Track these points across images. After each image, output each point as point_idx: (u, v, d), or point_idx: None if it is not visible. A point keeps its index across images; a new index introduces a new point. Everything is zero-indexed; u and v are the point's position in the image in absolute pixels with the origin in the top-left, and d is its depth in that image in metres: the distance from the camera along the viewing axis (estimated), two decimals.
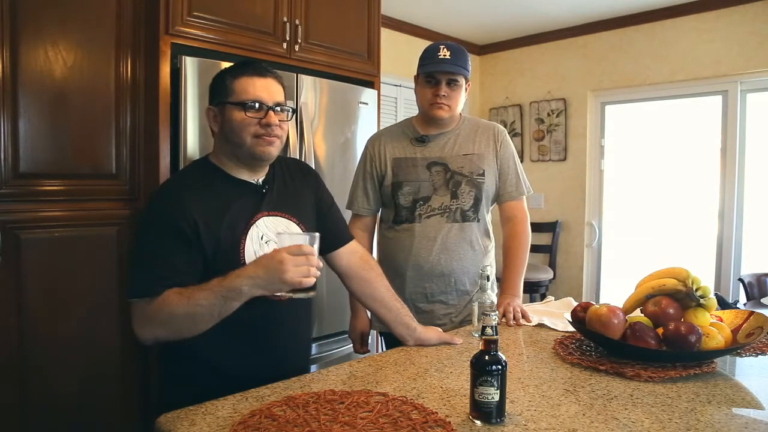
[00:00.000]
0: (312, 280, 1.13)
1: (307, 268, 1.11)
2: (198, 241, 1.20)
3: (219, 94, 1.27)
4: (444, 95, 1.74)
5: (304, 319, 1.44)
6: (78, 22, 1.92)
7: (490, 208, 1.89)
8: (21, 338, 1.83)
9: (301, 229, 1.34)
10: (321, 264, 1.16)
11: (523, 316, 1.68)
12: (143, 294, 1.17)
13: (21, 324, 1.83)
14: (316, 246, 1.15)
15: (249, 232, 1.26)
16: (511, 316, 1.68)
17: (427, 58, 1.75)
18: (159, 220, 1.21)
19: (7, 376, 1.81)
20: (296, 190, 1.40)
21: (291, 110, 1.33)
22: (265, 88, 1.26)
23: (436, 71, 1.73)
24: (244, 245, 1.24)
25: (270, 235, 1.28)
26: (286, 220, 1.33)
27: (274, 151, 1.29)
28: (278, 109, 1.27)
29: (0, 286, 1.79)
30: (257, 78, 1.26)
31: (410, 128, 1.87)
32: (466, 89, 1.80)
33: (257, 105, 1.24)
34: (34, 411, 1.86)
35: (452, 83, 1.75)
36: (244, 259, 1.23)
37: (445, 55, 1.72)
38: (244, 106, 1.23)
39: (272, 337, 1.31)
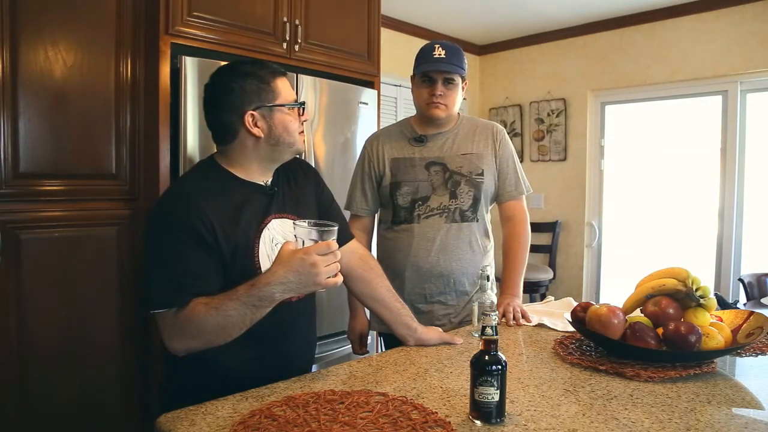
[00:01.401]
0: (341, 279, 1.12)
1: (335, 266, 1.08)
2: (217, 245, 1.17)
3: (258, 98, 1.22)
4: (440, 94, 1.74)
5: (311, 319, 1.43)
6: (78, 22, 1.92)
7: (490, 208, 1.89)
8: (21, 338, 1.83)
9: None
10: (340, 255, 1.12)
11: (523, 316, 1.68)
12: (168, 305, 1.12)
13: (21, 324, 1.83)
14: (334, 237, 1.12)
15: (261, 235, 1.24)
16: (511, 316, 1.67)
17: (423, 58, 1.75)
18: (176, 226, 1.15)
19: (7, 376, 1.81)
20: (299, 189, 1.39)
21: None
22: (292, 87, 1.32)
23: (431, 71, 1.73)
24: (258, 249, 1.23)
25: (279, 239, 1.26)
26: (293, 221, 1.32)
27: None
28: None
29: (0, 286, 1.79)
30: (283, 78, 1.29)
31: (408, 128, 1.86)
32: (463, 88, 1.80)
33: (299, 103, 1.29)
34: (33, 411, 1.86)
35: (448, 82, 1.74)
36: (259, 263, 1.22)
37: (440, 55, 1.71)
38: (297, 106, 1.28)
39: (282, 340, 1.29)
